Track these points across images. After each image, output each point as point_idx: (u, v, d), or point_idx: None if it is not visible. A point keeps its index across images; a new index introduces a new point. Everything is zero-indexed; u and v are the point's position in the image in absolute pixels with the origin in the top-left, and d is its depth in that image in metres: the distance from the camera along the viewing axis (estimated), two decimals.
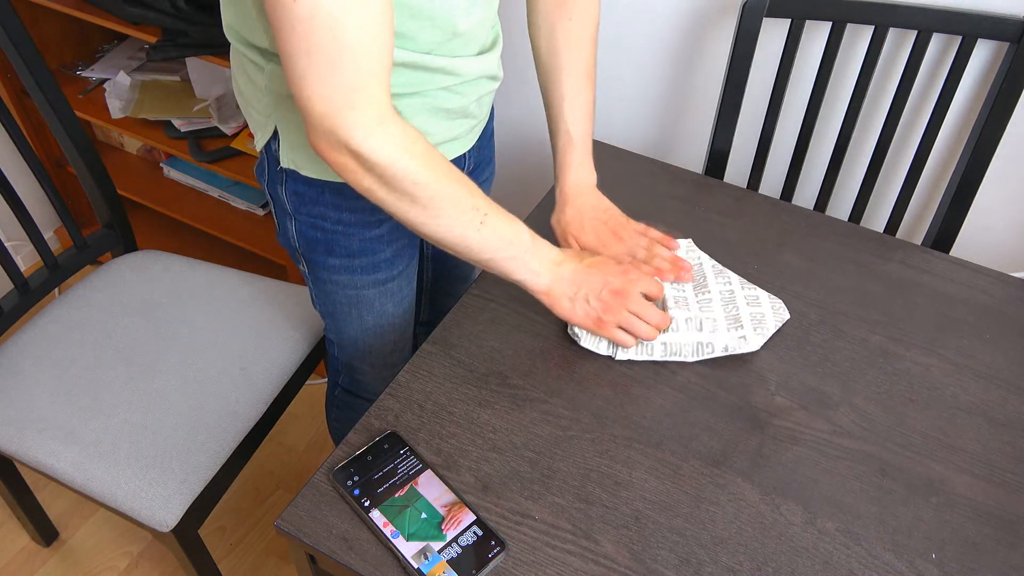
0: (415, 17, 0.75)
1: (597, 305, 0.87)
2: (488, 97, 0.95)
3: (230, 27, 0.82)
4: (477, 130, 0.98)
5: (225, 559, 1.52)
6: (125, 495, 1.07)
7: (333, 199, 0.91)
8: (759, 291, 0.96)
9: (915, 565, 0.73)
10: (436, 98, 0.86)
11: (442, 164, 0.77)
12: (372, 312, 1.03)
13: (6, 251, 1.21)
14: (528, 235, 0.85)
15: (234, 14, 0.80)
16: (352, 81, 0.67)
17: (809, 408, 0.86)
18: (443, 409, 0.84)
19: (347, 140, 0.70)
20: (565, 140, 0.99)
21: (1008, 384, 0.90)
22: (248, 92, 0.87)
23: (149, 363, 1.20)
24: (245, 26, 0.80)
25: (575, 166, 0.99)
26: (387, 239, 0.97)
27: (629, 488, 0.78)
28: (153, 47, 1.43)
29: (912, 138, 1.28)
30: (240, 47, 0.82)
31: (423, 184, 0.75)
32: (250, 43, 0.81)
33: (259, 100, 0.85)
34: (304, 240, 0.96)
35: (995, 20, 1.08)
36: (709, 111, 1.41)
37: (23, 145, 1.19)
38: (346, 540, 0.73)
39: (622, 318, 0.87)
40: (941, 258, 1.05)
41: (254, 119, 0.89)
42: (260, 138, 0.89)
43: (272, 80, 0.81)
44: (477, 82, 0.89)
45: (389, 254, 0.99)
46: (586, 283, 0.87)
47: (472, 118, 0.94)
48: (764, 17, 1.16)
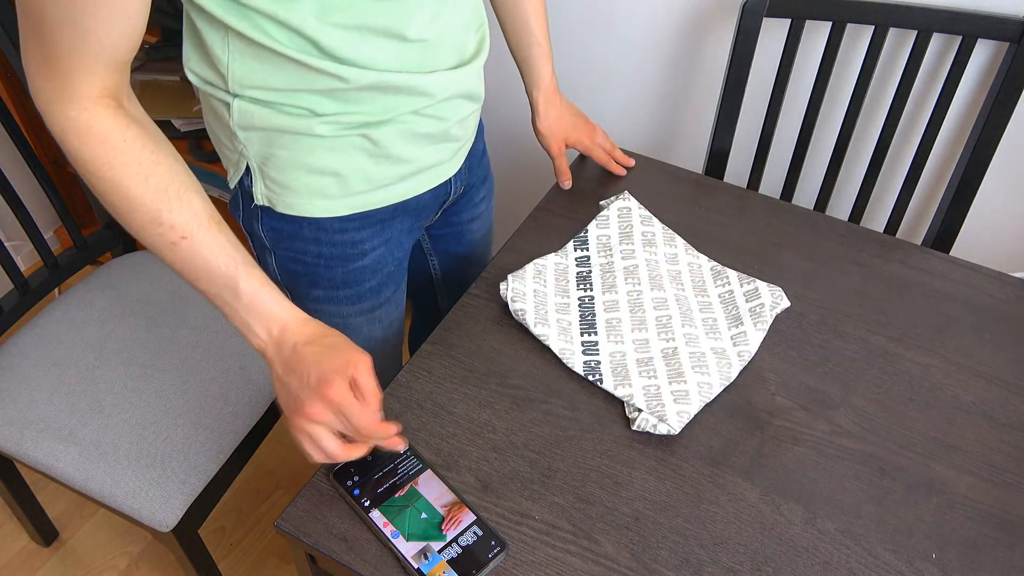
0: (347, 28, 0.71)
1: (297, 396, 0.72)
2: (472, 119, 0.92)
3: (190, 68, 0.79)
4: (463, 152, 0.95)
5: (225, 559, 1.52)
6: (125, 495, 1.07)
7: (312, 233, 0.87)
8: (758, 283, 0.96)
9: (915, 565, 0.73)
10: (408, 123, 0.82)
11: (132, 162, 0.68)
12: (360, 337, 1.00)
13: (6, 251, 1.21)
14: (248, 283, 0.72)
15: (191, 51, 0.78)
16: (53, 54, 0.63)
17: (809, 408, 0.86)
18: (443, 409, 0.84)
19: (32, 94, 0.67)
20: (538, 51, 1.07)
21: (1008, 384, 0.90)
22: (218, 129, 0.84)
23: (149, 363, 1.20)
24: (202, 63, 0.78)
25: (551, 73, 1.09)
26: (371, 269, 0.93)
27: (629, 488, 0.78)
28: (153, 47, 1.43)
29: (912, 138, 1.28)
30: (204, 87, 0.80)
31: (96, 177, 0.68)
32: (210, 81, 0.78)
33: (228, 137, 0.82)
34: (286, 273, 0.93)
35: (995, 20, 1.08)
36: (709, 111, 1.41)
37: (23, 145, 1.19)
38: (346, 540, 0.73)
39: (312, 424, 0.72)
40: (941, 258, 1.05)
41: (226, 156, 0.86)
42: (233, 175, 0.87)
43: (240, 116, 0.78)
44: (451, 102, 0.84)
45: (374, 283, 0.95)
46: (299, 367, 0.72)
47: (455, 141, 0.90)
48: (764, 17, 1.16)
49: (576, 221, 1.07)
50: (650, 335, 0.90)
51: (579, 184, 1.14)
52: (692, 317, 0.93)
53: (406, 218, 0.94)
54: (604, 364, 0.87)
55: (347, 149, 0.81)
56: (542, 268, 0.97)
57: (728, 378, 0.86)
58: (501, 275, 0.99)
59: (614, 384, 0.85)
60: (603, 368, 0.87)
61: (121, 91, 0.69)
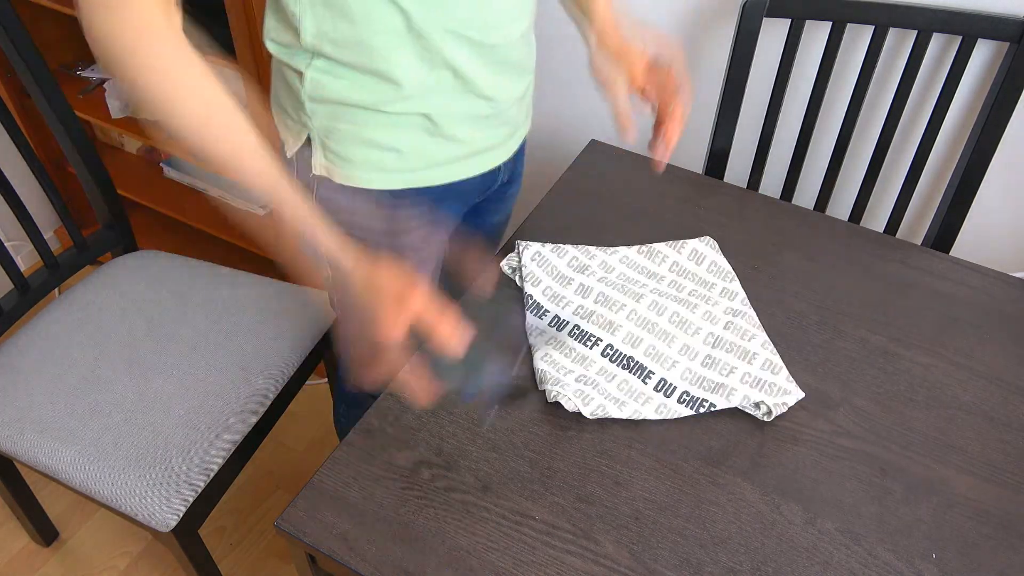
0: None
1: (397, 280, 0.72)
2: (526, 100, 0.93)
3: (269, 37, 0.83)
4: (516, 139, 0.97)
5: (225, 559, 1.52)
6: (125, 495, 1.07)
7: (365, 206, 0.90)
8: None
9: (915, 565, 0.73)
10: (466, 104, 0.84)
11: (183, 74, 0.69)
12: None
13: (6, 251, 1.21)
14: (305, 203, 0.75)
15: (269, 16, 0.81)
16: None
17: (809, 408, 0.86)
18: (443, 409, 0.84)
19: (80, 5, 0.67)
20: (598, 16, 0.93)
21: (1008, 384, 0.90)
22: (285, 98, 0.87)
23: (149, 363, 1.20)
24: (279, 25, 0.80)
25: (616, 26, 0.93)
26: (414, 247, 0.96)
27: (629, 488, 0.78)
28: None
29: (912, 138, 1.28)
30: (279, 55, 0.83)
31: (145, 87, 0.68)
32: (286, 44, 0.81)
33: (295, 108, 0.85)
34: None
35: (995, 20, 1.08)
36: (709, 111, 1.41)
37: (23, 145, 1.19)
38: (346, 540, 0.73)
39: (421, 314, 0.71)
40: (941, 258, 1.05)
41: (288, 126, 0.89)
42: (292, 145, 0.89)
43: (312, 86, 0.81)
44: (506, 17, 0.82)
45: (415, 261, 0.98)
46: (385, 265, 0.75)
47: (509, 124, 0.93)
48: (764, 17, 1.16)
49: (578, 221, 1.07)
50: (681, 334, 0.91)
51: (579, 185, 1.14)
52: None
53: (455, 201, 0.96)
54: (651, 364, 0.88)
55: (407, 127, 0.84)
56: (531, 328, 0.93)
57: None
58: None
59: None
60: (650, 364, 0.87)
61: (171, 8, 0.70)
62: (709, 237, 1.03)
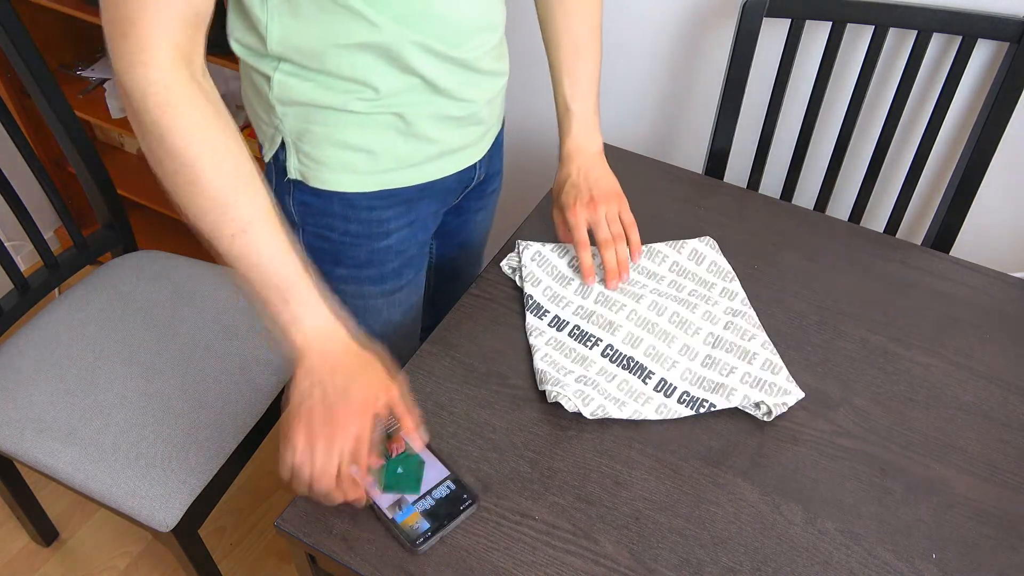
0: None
1: (325, 404, 0.71)
2: (498, 101, 0.94)
3: (234, 37, 0.82)
4: (489, 138, 0.98)
5: (225, 559, 1.52)
6: (125, 495, 1.07)
7: (341, 209, 0.90)
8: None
9: (915, 565, 0.73)
10: (437, 105, 0.85)
11: (208, 141, 0.68)
12: (379, 321, 1.03)
13: (6, 251, 1.21)
14: (300, 284, 0.73)
15: (234, 18, 0.80)
16: (127, 9, 0.64)
17: (809, 408, 0.86)
18: (443, 409, 0.84)
19: (112, 61, 0.67)
20: (562, 110, 1.02)
21: (1008, 384, 0.90)
22: (256, 104, 0.87)
23: (149, 363, 1.20)
24: (244, 28, 0.80)
25: (572, 134, 1.01)
26: (395, 250, 0.96)
27: (629, 488, 0.78)
28: None
29: (912, 138, 1.28)
30: (246, 58, 0.82)
31: (168, 153, 0.68)
32: (252, 48, 0.80)
33: (266, 111, 0.85)
34: (310, 250, 0.95)
35: (995, 20, 1.08)
36: (709, 111, 1.41)
37: (23, 145, 1.19)
38: (346, 540, 0.73)
39: (332, 449, 0.70)
40: (941, 258, 1.05)
41: (262, 130, 0.89)
42: (268, 149, 0.89)
43: (279, 89, 0.81)
44: (475, 35, 0.83)
45: (397, 264, 0.98)
46: (335, 374, 0.72)
47: (481, 124, 0.93)
48: (764, 17, 1.16)
49: None
50: (680, 333, 0.91)
51: None
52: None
53: (432, 201, 0.96)
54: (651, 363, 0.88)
55: (379, 127, 0.84)
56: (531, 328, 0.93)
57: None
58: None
59: None
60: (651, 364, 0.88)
61: (195, 57, 0.69)
62: (709, 237, 1.03)
